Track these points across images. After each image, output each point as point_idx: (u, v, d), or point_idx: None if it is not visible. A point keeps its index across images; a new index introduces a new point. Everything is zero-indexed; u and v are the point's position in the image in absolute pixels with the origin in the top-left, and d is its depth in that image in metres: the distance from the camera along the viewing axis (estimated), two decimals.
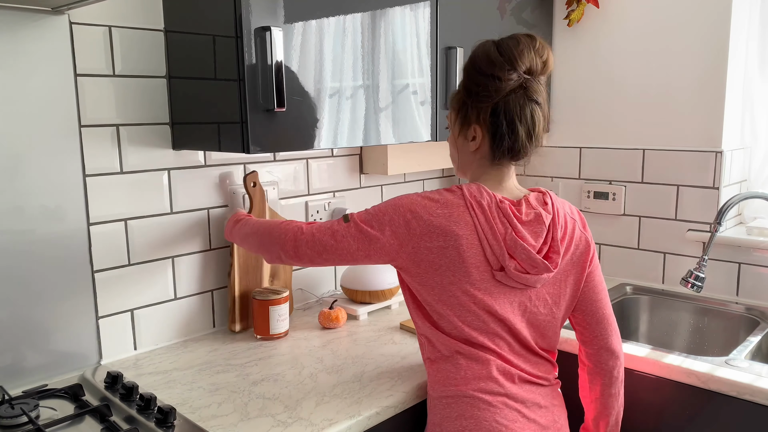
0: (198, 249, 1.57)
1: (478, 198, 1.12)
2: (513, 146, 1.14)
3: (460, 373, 1.13)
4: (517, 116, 1.12)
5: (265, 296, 1.54)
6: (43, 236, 1.29)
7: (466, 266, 1.10)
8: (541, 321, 1.18)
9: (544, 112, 1.15)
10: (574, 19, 2.02)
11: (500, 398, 1.12)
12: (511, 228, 1.11)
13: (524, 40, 1.13)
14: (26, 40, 1.23)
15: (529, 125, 1.13)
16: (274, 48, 1.24)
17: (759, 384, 1.26)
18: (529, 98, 1.13)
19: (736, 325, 1.76)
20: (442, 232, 1.10)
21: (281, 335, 1.57)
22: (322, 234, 1.19)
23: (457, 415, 1.12)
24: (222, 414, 1.17)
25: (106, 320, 1.42)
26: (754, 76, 1.91)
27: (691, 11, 1.83)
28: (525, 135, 1.14)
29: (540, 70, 1.14)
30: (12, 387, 1.27)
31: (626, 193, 2.02)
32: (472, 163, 1.21)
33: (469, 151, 1.19)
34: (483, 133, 1.16)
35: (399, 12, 1.52)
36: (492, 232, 1.11)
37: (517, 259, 1.11)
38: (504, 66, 1.11)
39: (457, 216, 1.11)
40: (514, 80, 1.11)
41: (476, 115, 1.15)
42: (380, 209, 1.16)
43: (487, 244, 1.11)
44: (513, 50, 1.12)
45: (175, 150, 1.49)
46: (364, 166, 1.94)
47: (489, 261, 1.11)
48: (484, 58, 1.14)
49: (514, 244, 1.10)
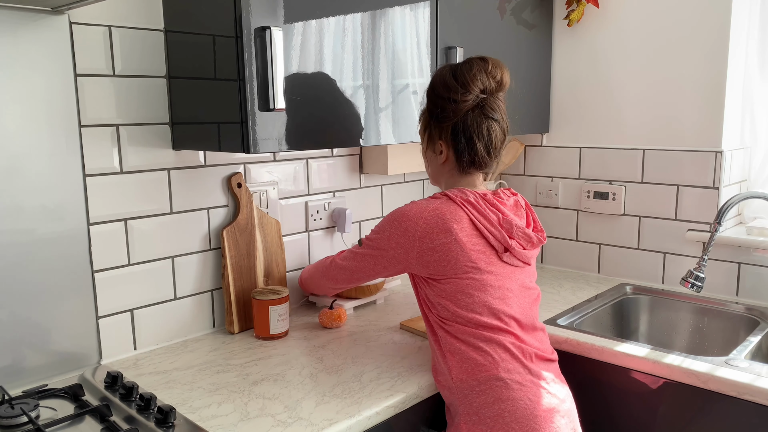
0: (198, 249, 1.57)
1: (463, 196, 1.26)
2: (473, 159, 1.29)
3: (487, 358, 1.20)
4: (475, 133, 1.27)
5: (265, 296, 1.54)
6: (43, 236, 1.29)
7: (470, 256, 1.22)
8: (533, 295, 1.32)
9: (502, 126, 1.29)
10: (574, 19, 2.02)
11: (528, 377, 1.20)
12: (501, 213, 1.26)
13: (477, 64, 1.26)
14: (26, 40, 1.23)
15: (486, 140, 1.27)
16: (274, 48, 1.24)
17: (759, 384, 1.26)
18: (486, 116, 1.27)
19: (736, 325, 1.76)
20: (441, 229, 1.22)
21: (281, 335, 1.57)
22: (347, 261, 1.41)
23: (494, 399, 1.18)
24: (222, 414, 1.17)
25: (106, 320, 1.42)
26: (754, 76, 1.91)
27: (691, 11, 1.83)
28: (483, 149, 1.28)
29: (495, 89, 1.27)
30: (12, 387, 1.27)
31: (626, 193, 2.02)
32: (443, 174, 1.36)
33: (439, 163, 1.34)
34: (447, 148, 1.31)
35: (399, 12, 1.52)
36: (488, 220, 1.24)
37: (516, 238, 1.26)
38: (458, 89, 1.25)
39: (450, 213, 1.23)
40: (471, 101, 1.25)
41: (439, 133, 1.31)
42: (381, 226, 1.31)
43: (488, 232, 1.24)
44: (466, 75, 1.25)
45: (175, 150, 1.49)
46: (364, 166, 1.94)
47: (494, 246, 1.25)
48: (441, 83, 1.28)
49: (510, 225, 1.25)
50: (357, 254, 1.37)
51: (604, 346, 1.47)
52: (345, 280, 1.44)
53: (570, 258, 2.19)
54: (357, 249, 1.38)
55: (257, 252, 1.65)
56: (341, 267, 1.42)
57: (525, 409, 1.17)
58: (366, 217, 2.00)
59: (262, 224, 1.66)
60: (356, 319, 1.71)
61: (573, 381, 1.54)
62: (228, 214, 1.62)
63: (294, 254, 1.80)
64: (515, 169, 2.29)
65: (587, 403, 1.52)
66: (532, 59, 2.04)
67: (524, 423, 1.16)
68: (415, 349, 1.49)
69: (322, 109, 1.38)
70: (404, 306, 1.82)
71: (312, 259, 1.86)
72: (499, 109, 1.28)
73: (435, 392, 1.32)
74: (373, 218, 2.03)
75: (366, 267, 1.35)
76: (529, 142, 2.23)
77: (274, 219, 1.69)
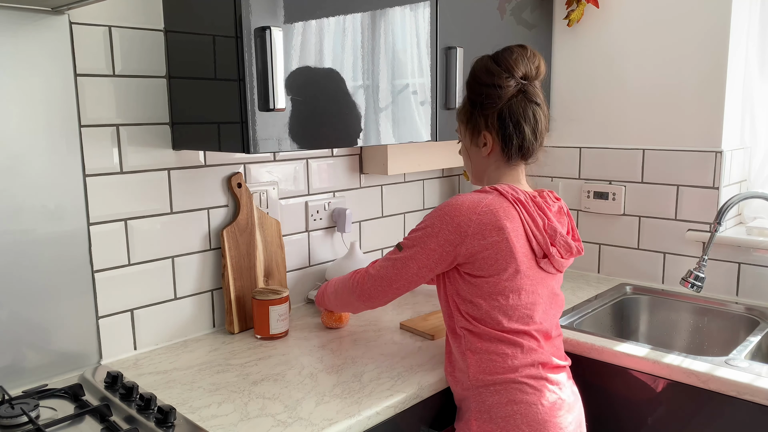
0: (198, 249, 1.57)
1: (515, 195, 1.23)
2: (522, 144, 1.26)
3: (507, 361, 1.21)
4: (522, 117, 1.24)
5: (265, 296, 1.54)
6: (43, 236, 1.29)
7: (516, 258, 1.20)
8: (559, 302, 1.31)
9: (544, 111, 1.27)
10: (574, 19, 2.02)
11: (542, 381, 1.21)
12: (547, 218, 1.24)
13: (517, 50, 1.25)
14: (26, 40, 1.23)
15: (533, 125, 1.25)
16: (274, 48, 1.24)
17: (759, 384, 1.26)
18: (530, 100, 1.25)
19: (736, 325, 1.76)
20: (494, 227, 1.18)
21: (281, 335, 1.57)
22: (384, 270, 1.29)
23: (508, 400, 1.19)
24: (222, 414, 1.17)
25: (106, 320, 1.42)
26: (754, 76, 1.91)
27: (691, 11, 1.83)
28: (530, 133, 1.25)
29: (534, 75, 1.26)
30: (12, 387, 1.27)
31: (626, 193, 2.02)
32: (487, 168, 1.31)
33: (482, 156, 1.30)
34: (493, 137, 1.27)
35: (399, 12, 1.51)
36: (535, 223, 1.22)
37: (557, 246, 1.24)
38: (502, 74, 1.23)
39: (503, 210, 1.20)
40: (513, 86, 1.23)
41: (484, 122, 1.27)
42: (429, 223, 1.23)
43: (532, 235, 1.22)
44: (508, 60, 1.24)
45: (175, 150, 1.49)
46: (364, 166, 1.94)
47: (534, 251, 1.23)
48: (483, 70, 1.26)
49: (554, 232, 1.23)
50: (396, 260, 1.26)
51: (604, 346, 1.47)
52: (380, 293, 1.30)
53: None
54: (395, 254, 1.27)
55: (257, 252, 1.65)
56: (378, 278, 1.29)
57: (536, 414, 1.18)
58: (366, 217, 2.00)
59: (262, 224, 1.66)
60: (356, 319, 1.71)
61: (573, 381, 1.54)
62: (228, 214, 1.62)
63: (294, 254, 1.80)
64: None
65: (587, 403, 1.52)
66: None
67: (534, 427, 1.17)
68: (415, 349, 1.49)
69: (322, 109, 1.38)
70: (404, 306, 1.82)
71: (312, 259, 1.86)
72: (540, 95, 1.27)
73: (435, 392, 1.33)
74: (373, 218, 2.03)
75: (409, 273, 1.25)
76: None
77: (274, 219, 1.69)
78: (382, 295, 1.31)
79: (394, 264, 1.27)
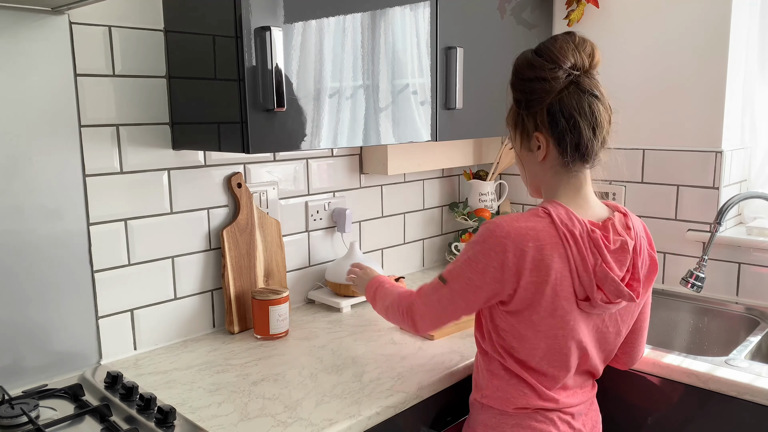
0: (198, 249, 1.57)
1: (570, 227, 1.07)
2: (579, 142, 1.08)
3: (524, 398, 1.16)
4: (576, 110, 1.07)
5: (265, 296, 1.54)
6: (43, 236, 1.29)
7: (558, 300, 1.07)
8: (609, 341, 1.19)
9: (605, 104, 1.10)
10: (574, 19, 2.02)
11: (555, 413, 1.16)
12: (601, 259, 1.07)
13: (562, 38, 1.10)
14: (26, 40, 1.23)
15: (590, 118, 1.08)
16: (274, 48, 1.24)
17: (759, 384, 1.26)
18: (583, 91, 1.08)
19: (736, 325, 1.76)
20: (537, 267, 1.06)
21: (281, 335, 1.57)
22: (432, 307, 1.19)
23: (515, 423, 1.16)
24: (222, 414, 1.17)
25: (106, 320, 1.42)
26: (754, 76, 1.91)
27: (691, 11, 1.83)
28: (588, 129, 1.08)
29: (589, 65, 1.10)
30: (12, 387, 1.27)
31: (626, 193, 2.02)
32: (544, 175, 1.16)
33: (537, 161, 1.15)
34: (545, 138, 1.11)
35: (399, 12, 1.51)
36: (583, 264, 1.07)
37: (605, 291, 1.08)
38: (545, 65, 1.08)
39: (551, 249, 1.06)
40: (562, 78, 1.08)
41: (533, 122, 1.12)
42: (472, 254, 1.11)
43: (576, 275, 1.07)
44: (552, 48, 1.09)
45: (175, 150, 1.49)
46: (364, 166, 1.94)
47: (576, 291, 1.08)
48: (525, 64, 1.12)
49: (604, 276, 1.07)
50: (443, 297, 1.16)
51: None
52: (431, 327, 1.23)
53: None
54: (441, 291, 1.17)
55: (257, 252, 1.65)
56: (428, 314, 1.21)
57: None
58: (366, 217, 2.00)
59: (262, 224, 1.66)
60: (356, 319, 1.71)
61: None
62: (228, 214, 1.62)
63: (294, 254, 1.80)
64: (515, 169, 2.29)
65: None
66: None
67: None
68: (415, 349, 1.49)
69: (322, 109, 1.38)
70: None
71: (312, 259, 1.85)
72: (599, 86, 1.11)
73: (435, 392, 1.32)
74: (373, 218, 2.03)
75: (457, 308, 1.16)
76: None
77: (274, 219, 1.69)
78: (433, 329, 1.25)
79: (440, 301, 1.17)
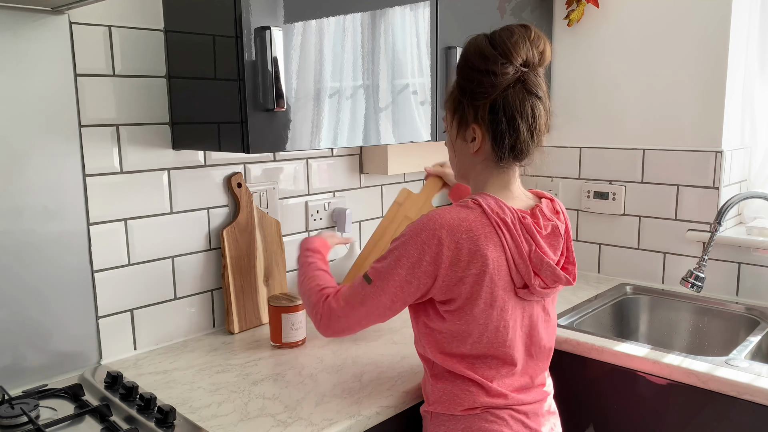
0: (198, 249, 1.57)
1: (501, 215, 1.06)
2: (515, 144, 1.08)
3: (471, 396, 1.11)
4: (518, 112, 1.06)
5: (278, 302, 1.50)
6: (43, 236, 1.29)
7: (495, 289, 1.06)
8: (545, 328, 1.17)
9: (545, 106, 1.09)
10: (574, 19, 2.02)
11: (507, 411, 1.11)
12: (535, 245, 1.07)
13: (518, 31, 1.06)
14: (26, 40, 1.23)
15: (530, 121, 1.07)
16: (274, 48, 1.24)
17: (759, 384, 1.26)
18: (529, 92, 1.06)
19: (736, 325, 1.76)
20: (472, 257, 1.04)
21: (296, 344, 1.51)
22: (352, 307, 1.13)
23: (464, 427, 1.11)
24: (222, 414, 1.17)
25: (106, 320, 1.42)
26: (754, 76, 1.91)
27: (691, 11, 1.83)
28: (527, 132, 1.07)
29: (538, 62, 1.07)
30: (12, 387, 1.27)
31: (626, 193, 2.02)
32: (474, 167, 1.15)
33: (470, 153, 1.13)
34: (483, 132, 1.09)
35: (399, 12, 1.52)
36: (519, 251, 1.06)
37: (542, 276, 1.08)
38: (498, 59, 1.05)
39: (485, 238, 1.04)
40: (511, 74, 1.05)
41: (474, 114, 1.09)
42: (402, 251, 1.07)
43: (513, 263, 1.06)
44: (507, 42, 1.05)
45: (175, 150, 1.49)
46: (364, 166, 1.94)
47: (513, 280, 1.08)
48: (477, 53, 1.07)
49: (540, 261, 1.07)
50: (366, 297, 1.11)
51: (604, 346, 1.47)
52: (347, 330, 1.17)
53: None
54: (364, 290, 1.11)
55: (257, 252, 1.65)
56: (346, 314, 1.14)
57: None
58: (366, 217, 2.00)
59: (262, 224, 1.65)
60: None
61: (573, 381, 1.54)
62: (228, 215, 1.62)
63: (294, 254, 1.80)
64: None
65: (587, 404, 1.52)
66: None
67: None
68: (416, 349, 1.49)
69: (322, 109, 1.38)
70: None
71: None
72: (543, 86, 1.08)
73: None
74: (373, 218, 2.03)
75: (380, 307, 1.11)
76: None
77: (274, 219, 1.69)
78: (349, 332, 1.17)
79: (363, 301, 1.11)
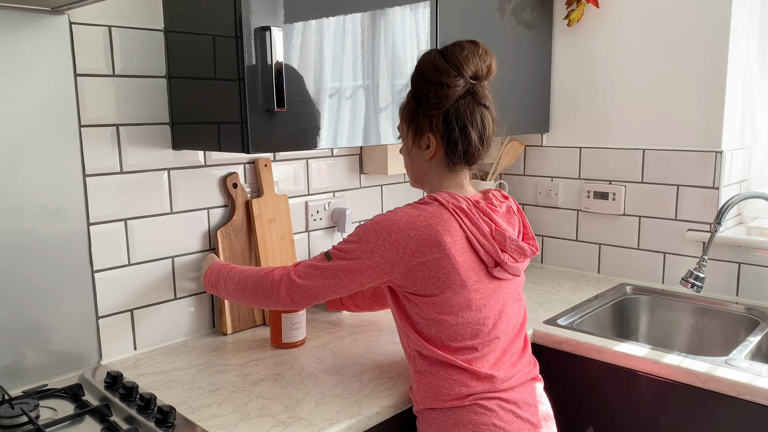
0: (198, 249, 1.57)
1: (456, 204, 1.14)
2: (467, 150, 1.18)
3: (455, 387, 1.14)
4: (469, 121, 1.16)
5: None
6: (43, 236, 1.29)
7: (460, 273, 1.12)
8: (520, 308, 1.24)
9: (492, 115, 1.19)
10: (574, 19, 2.02)
11: (495, 401, 1.13)
12: (494, 224, 1.16)
13: (468, 47, 1.16)
14: (26, 40, 1.23)
15: (480, 129, 1.17)
16: (274, 48, 1.24)
17: (759, 384, 1.26)
18: (478, 103, 1.17)
19: (736, 325, 1.76)
20: (433, 243, 1.10)
21: (296, 344, 1.51)
22: (312, 278, 1.19)
23: (455, 422, 1.13)
24: (222, 414, 1.17)
25: (106, 320, 1.42)
26: (754, 76, 1.91)
27: (691, 11, 1.83)
28: (477, 138, 1.18)
29: (485, 75, 1.18)
30: (12, 387, 1.27)
31: (626, 193, 2.02)
32: (429, 172, 1.24)
33: (425, 159, 1.22)
34: (437, 140, 1.18)
35: (399, 12, 1.52)
36: (481, 233, 1.14)
37: (509, 251, 1.16)
38: (450, 72, 1.15)
39: (443, 224, 1.12)
40: (462, 86, 1.15)
41: (428, 123, 1.18)
42: (362, 235, 1.15)
43: (479, 245, 1.14)
44: (458, 56, 1.15)
45: (175, 150, 1.49)
46: (364, 166, 1.94)
47: (484, 261, 1.15)
48: (431, 66, 1.17)
49: (503, 237, 1.15)
50: (325, 270, 1.17)
51: (604, 346, 1.47)
52: (306, 300, 1.22)
53: (570, 258, 2.19)
54: (323, 263, 1.18)
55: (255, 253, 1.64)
56: (306, 286, 1.19)
57: None
58: (366, 217, 2.00)
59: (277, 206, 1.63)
60: (356, 319, 1.71)
61: (572, 381, 1.54)
62: (228, 215, 1.62)
63: None
64: (515, 169, 2.29)
65: (587, 404, 1.52)
66: (532, 59, 2.04)
67: None
68: None
69: (322, 109, 1.38)
70: None
71: None
72: (489, 96, 1.19)
73: None
74: None
75: (338, 284, 1.17)
76: (529, 142, 2.23)
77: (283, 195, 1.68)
78: (307, 303, 1.23)
79: (322, 274, 1.18)
